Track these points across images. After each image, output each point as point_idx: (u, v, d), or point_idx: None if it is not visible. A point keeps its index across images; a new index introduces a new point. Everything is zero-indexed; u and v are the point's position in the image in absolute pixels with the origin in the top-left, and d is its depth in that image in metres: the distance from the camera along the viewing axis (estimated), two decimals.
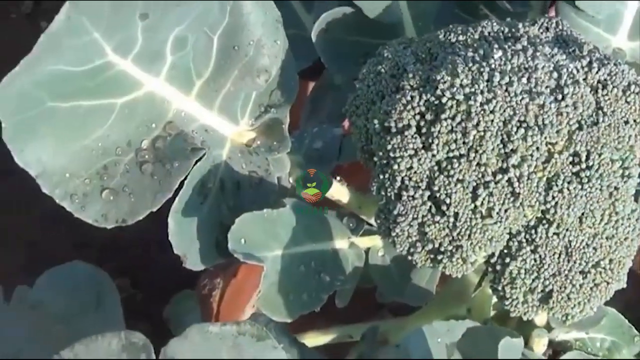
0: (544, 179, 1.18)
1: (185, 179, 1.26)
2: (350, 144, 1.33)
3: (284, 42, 1.28)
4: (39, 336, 1.44)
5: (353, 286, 1.33)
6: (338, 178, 1.33)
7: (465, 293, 1.36)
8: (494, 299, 1.36)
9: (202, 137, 1.26)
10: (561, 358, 1.35)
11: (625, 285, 1.25)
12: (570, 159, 1.17)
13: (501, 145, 1.16)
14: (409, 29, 1.33)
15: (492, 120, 1.15)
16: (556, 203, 1.18)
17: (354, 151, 1.32)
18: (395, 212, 1.20)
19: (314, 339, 1.36)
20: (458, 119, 1.16)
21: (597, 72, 1.18)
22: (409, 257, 1.23)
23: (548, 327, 1.37)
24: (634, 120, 1.18)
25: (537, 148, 1.15)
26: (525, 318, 1.29)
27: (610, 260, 1.20)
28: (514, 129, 1.15)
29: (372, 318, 1.47)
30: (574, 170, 1.17)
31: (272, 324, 1.27)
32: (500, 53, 1.17)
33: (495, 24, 1.24)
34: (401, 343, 1.24)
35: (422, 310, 1.42)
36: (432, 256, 1.21)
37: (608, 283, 1.20)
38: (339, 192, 1.31)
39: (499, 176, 1.16)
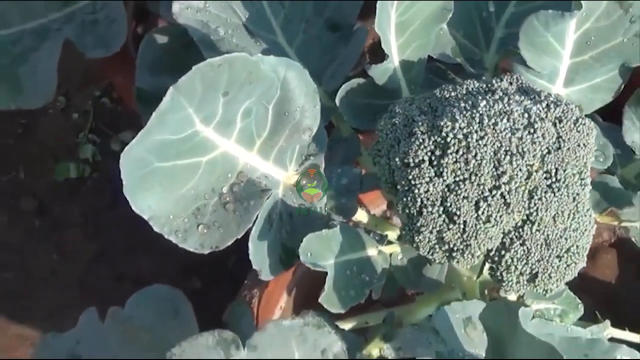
0: (527, 191, 1.19)
1: (258, 215, 1.25)
2: (366, 179, 1.35)
3: (319, 107, 1.28)
4: (130, 344, 1.42)
5: (382, 282, 1.33)
6: (359, 205, 1.33)
7: (458, 282, 1.37)
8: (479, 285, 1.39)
9: (264, 181, 1.26)
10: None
11: (585, 265, 1.27)
12: (544, 175, 1.19)
13: (494, 169, 1.17)
14: (404, 91, 1.34)
15: (486, 151, 1.16)
16: (536, 208, 1.19)
17: (371, 184, 1.34)
18: (418, 224, 1.20)
19: (341, 326, 1.37)
20: (460, 152, 1.17)
21: (554, 111, 1.19)
22: (430, 257, 1.23)
23: (521, 302, 1.38)
24: (584, 144, 1.20)
25: (520, 169, 1.17)
26: (517, 295, 1.31)
27: (577, 247, 1.22)
28: (503, 156, 1.17)
29: (369, 310, 1.47)
30: (547, 183, 1.19)
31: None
32: (484, 102, 1.19)
33: (475, 82, 1.26)
34: (431, 319, 1.25)
35: (423, 297, 1.42)
36: (447, 254, 1.22)
37: (576, 263, 1.23)
38: (360, 215, 1.32)
39: (494, 191, 1.18)
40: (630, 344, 1.29)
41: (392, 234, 1.36)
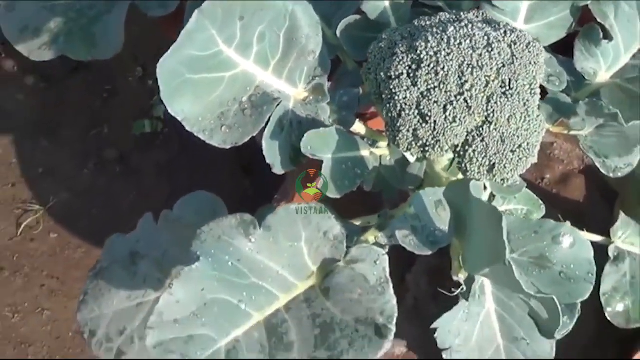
0: (485, 97, 1.24)
1: (270, 117, 1.31)
2: (363, 97, 1.40)
3: (321, 36, 1.33)
4: (178, 240, 1.50)
5: (373, 176, 1.37)
6: (358, 119, 1.38)
7: (437, 181, 1.42)
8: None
9: (277, 95, 1.31)
10: None
11: (536, 161, 1.31)
12: (500, 84, 1.23)
13: (458, 79, 1.22)
14: (393, 26, 1.41)
15: (452, 65, 1.22)
16: (493, 110, 1.24)
17: (366, 101, 1.39)
18: (398, 125, 1.26)
19: None
20: (431, 66, 1.22)
21: (510, 36, 1.24)
22: (408, 151, 1.29)
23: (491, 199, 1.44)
24: (534, 62, 1.25)
25: (480, 79, 1.22)
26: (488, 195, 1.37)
27: (527, 144, 1.26)
28: (465, 69, 1.22)
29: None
30: (502, 91, 1.24)
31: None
32: (452, 28, 1.24)
33: (446, 14, 1.31)
34: (408, 202, 1.32)
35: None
36: (422, 149, 1.26)
37: (527, 157, 1.27)
38: (358, 127, 1.37)
39: (459, 97, 1.23)
40: None
41: (383, 144, 1.39)
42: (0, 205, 2.20)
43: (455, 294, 1.39)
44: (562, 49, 1.43)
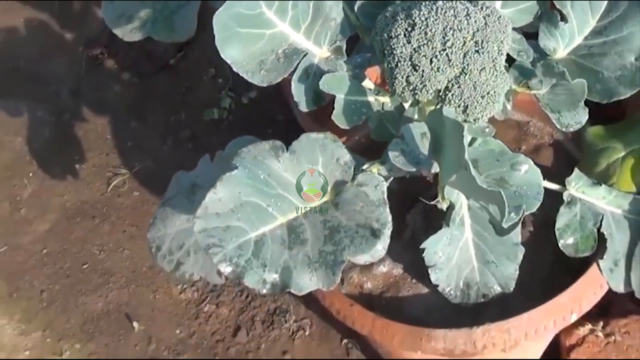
0: (462, 53, 1.32)
1: (298, 65, 1.40)
2: (374, 59, 1.46)
3: (341, 8, 1.43)
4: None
5: (376, 117, 1.44)
6: (368, 77, 1.45)
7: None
8: None
9: (305, 51, 1.41)
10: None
11: (501, 107, 1.40)
12: (474, 44, 1.32)
13: (442, 38, 1.31)
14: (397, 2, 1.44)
15: (438, 28, 1.31)
16: (468, 64, 1.32)
17: (375, 61, 1.46)
18: (395, 73, 1.34)
19: None
20: (422, 28, 1.31)
21: (485, 10, 1.33)
22: (402, 94, 1.36)
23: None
24: (503, 31, 1.33)
25: (459, 39, 1.31)
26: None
27: (494, 92, 1.33)
28: (448, 31, 1.31)
29: None
30: (476, 49, 1.32)
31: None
32: (441, 2, 1.32)
33: None
34: (400, 132, 1.37)
35: None
36: (412, 92, 1.34)
37: (493, 102, 1.34)
38: (367, 83, 1.44)
39: (442, 52, 1.31)
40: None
41: (387, 97, 1.45)
42: (95, 168, 2.31)
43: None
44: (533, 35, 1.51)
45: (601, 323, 1.85)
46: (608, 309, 1.86)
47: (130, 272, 2.11)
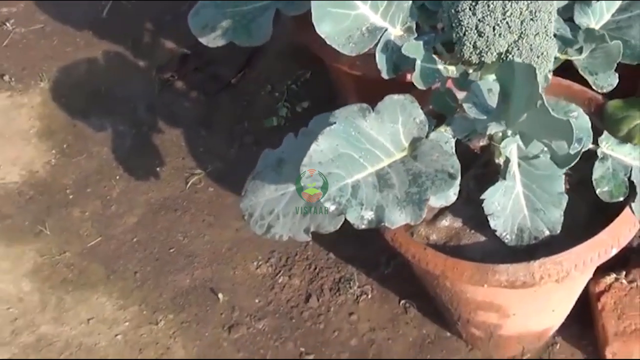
0: (520, 21, 1.37)
1: (380, 39, 1.45)
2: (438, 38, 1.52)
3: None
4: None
5: (445, 79, 1.50)
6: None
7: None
8: None
9: (385, 28, 1.47)
10: None
11: (552, 67, 1.45)
12: (529, 13, 1.37)
13: (502, 9, 1.36)
14: None
15: (498, 1, 1.37)
16: (525, 29, 1.37)
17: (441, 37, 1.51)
18: (463, 40, 1.39)
19: None
20: (485, 2, 1.37)
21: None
22: (470, 58, 1.41)
23: None
24: (550, 3, 1.40)
25: (516, 9, 1.36)
26: None
27: (547, 53, 1.39)
28: (507, 2, 1.36)
29: None
30: (531, 17, 1.37)
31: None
32: None
33: None
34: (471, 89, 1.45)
35: None
36: (479, 55, 1.40)
37: (547, 62, 1.40)
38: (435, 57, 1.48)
39: (503, 21, 1.37)
40: None
41: (453, 66, 1.50)
42: (173, 170, 2.36)
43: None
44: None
45: (623, 272, 1.90)
46: (627, 261, 1.90)
47: (211, 254, 2.15)
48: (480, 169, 1.74)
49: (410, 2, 1.52)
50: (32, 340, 2.06)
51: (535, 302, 1.72)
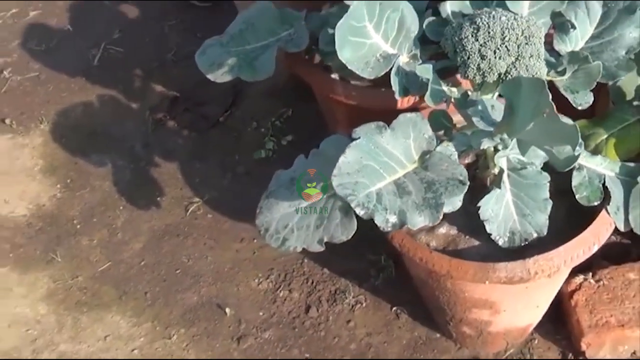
0: (517, 45, 1.44)
1: (394, 64, 1.50)
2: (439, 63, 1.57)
3: (417, 24, 1.55)
4: (322, 165, 1.56)
5: (450, 99, 1.54)
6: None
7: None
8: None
9: (397, 55, 1.52)
10: None
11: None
12: (524, 38, 1.44)
13: (501, 35, 1.44)
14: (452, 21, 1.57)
15: (497, 28, 1.44)
16: (521, 52, 1.45)
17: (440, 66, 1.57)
18: (468, 63, 1.46)
19: None
20: (486, 29, 1.44)
21: (524, 17, 1.49)
22: (473, 78, 1.47)
23: None
24: (540, 30, 1.48)
25: (513, 35, 1.44)
26: None
27: (540, 72, 1.47)
28: (505, 29, 1.44)
29: None
30: (526, 41, 1.45)
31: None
32: (493, 12, 1.48)
33: (485, 9, 1.53)
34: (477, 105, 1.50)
35: None
36: (482, 75, 1.46)
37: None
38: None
39: (502, 45, 1.44)
40: None
41: (454, 88, 1.55)
42: (173, 199, 2.35)
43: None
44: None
45: (590, 274, 1.96)
46: (591, 265, 1.97)
47: (215, 273, 2.14)
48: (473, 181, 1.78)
49: (416, 32, 1.57)
50: (53, 357, 2.01)
51: (525, 298, 1.77)
